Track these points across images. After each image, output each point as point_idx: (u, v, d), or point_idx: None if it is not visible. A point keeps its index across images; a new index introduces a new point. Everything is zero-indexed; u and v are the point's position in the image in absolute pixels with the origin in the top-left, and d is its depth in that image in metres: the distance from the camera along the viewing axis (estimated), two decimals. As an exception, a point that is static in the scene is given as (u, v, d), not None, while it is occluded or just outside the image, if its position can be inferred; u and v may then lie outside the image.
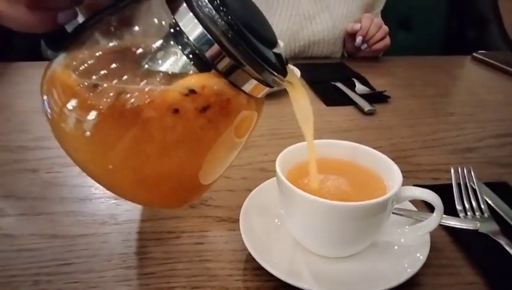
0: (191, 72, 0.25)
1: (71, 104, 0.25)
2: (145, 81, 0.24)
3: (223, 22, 0.23)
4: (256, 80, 0.25)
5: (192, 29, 0.24)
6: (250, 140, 0.52)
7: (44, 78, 0.27)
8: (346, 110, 0.63)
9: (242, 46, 0.23)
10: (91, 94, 0.24)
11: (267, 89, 0.27)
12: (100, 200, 0.40)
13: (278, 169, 0.31)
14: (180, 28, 0.24)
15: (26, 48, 1.31)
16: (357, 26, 0.82)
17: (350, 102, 0.65)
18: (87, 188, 0.42)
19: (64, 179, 0.43)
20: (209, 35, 0.23)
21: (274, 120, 0.59)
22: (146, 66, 0.25)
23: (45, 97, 0.27)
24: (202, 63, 0.24)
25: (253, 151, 0.50)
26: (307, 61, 0.85)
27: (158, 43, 0.25)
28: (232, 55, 0.24)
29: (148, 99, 0.24)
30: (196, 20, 0.23)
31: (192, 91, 0.24)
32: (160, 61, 0.25)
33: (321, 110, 0.63)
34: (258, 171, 0.46)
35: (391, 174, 0.31)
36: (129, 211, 0.39)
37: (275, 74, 0.25)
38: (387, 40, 0.85)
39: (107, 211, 0.38)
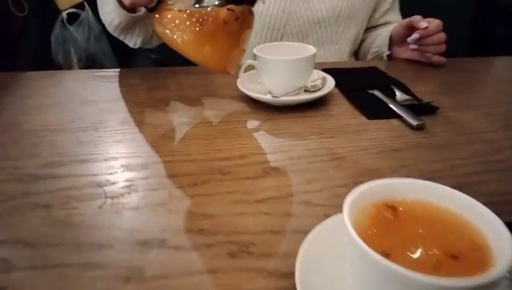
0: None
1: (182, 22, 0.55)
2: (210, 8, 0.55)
3: None
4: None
5: None
6: (288, 164, 0.45)
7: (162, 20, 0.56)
8: (390, 124, 0.56)
9: None
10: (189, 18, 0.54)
11: (256, 2, 0.59)
12: (123, 246, 0.34)
13: (347, 222, 0.25)
14: None
15: (32, 57, 1.26)
16: (424, 23, 0.74)
17: (393, 114, 0.58)
18: (107, 230, 0.36)
19: (81, 218, 0.38)
20: None
21: (313, 137, 0.52)
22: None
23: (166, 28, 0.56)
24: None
25: (292, 178, 0.44)
26: (336, 66, 0.78)
27: None
28: None
29: (214, 16, 0.54)
30: None
31: (231, 9, 0.54)
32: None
33: (363, 124, 0.56)
34: (303, 206, 0.39)
35: (497, 236, 0.25)
36: (157, 261, 0.33)
37: None
38: (443, 48, 0.77)
39: (131, 263, 0.32)
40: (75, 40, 1.25)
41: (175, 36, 0.55)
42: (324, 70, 0.70)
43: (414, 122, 0.54)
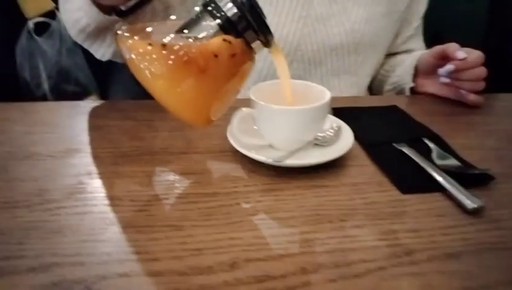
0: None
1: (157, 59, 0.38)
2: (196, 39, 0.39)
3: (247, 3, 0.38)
4: (259, 40, 0.41)
5: (225, 5, 0.39)
6: (300, 284, 0.31)
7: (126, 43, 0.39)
8: (433, 202, 0.41)
9: (258, 19, 0.39)
10: (165, 51, 0.37)
11: (262, 49, 0.42)
12: None
13: None
14: (216, 4, 0.39)
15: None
16: (462, 54, 0.60)
17: (433, 185, 0.43)
18: None
19: None
20: (236, 10, 0.38)
21: (333, 226, 0.37)
22: (193, 31, 0.40)
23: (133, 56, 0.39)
24: (229, 29, 0.39)
25: None
26: (348, 103, 0.64)
27: (199, 15, 0.40)
28: (250, 23, 0.39)
29: (200, 48, 0.38)
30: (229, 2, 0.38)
31: (228, 41, 0.38)
32: (201, 28, 0.39)
33: (397, 202, 0.41)
34: None
35: None
36: None
37: (271, 39, 0.42)
38: (482, 85, 0.62)
39: None
40: (44, 53, 1.09)
41: (141, 65, 0.39)
42: (335, 110, 0.56)
43: (469, 203, 0.40)
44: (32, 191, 0.41)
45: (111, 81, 1.16)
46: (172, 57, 0.37)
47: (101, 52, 0.64)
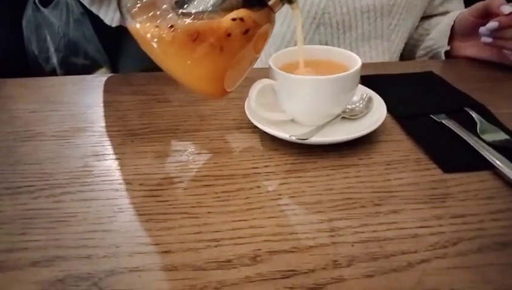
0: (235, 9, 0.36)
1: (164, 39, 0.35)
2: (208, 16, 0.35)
3: None
4: None
5: None
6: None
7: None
8: (478, 180, 0.36)
9: None
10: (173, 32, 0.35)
11: (280, 6, 0.38)
12: None
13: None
14: None
15: (2, 48, 1.06)
16: (508, 8, 0.53)
17: (479, 161, 0.38)
18: None
19: None
20: None
21: (366, 212, 0.33)
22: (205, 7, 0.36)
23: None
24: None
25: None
26: (377, 70, 0.58)
27: None
28: None
29: (210, 28, 0.35)
30: None
31: (239, 18, 0.35)
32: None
33: (439, 183, 0.36)
34: None
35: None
36: None
37: None
38: None
39: None
40: (51, 25, 1.04)
41: (150, 46, 0.36)
42: (363, 78, 0.50)
43: (524, 185, 0.34)
44: (35, 175, 0.38)
45: (120, 53, 1.11)
46: (182, 38, 0.35)
47: (110, 16, 0.59)
